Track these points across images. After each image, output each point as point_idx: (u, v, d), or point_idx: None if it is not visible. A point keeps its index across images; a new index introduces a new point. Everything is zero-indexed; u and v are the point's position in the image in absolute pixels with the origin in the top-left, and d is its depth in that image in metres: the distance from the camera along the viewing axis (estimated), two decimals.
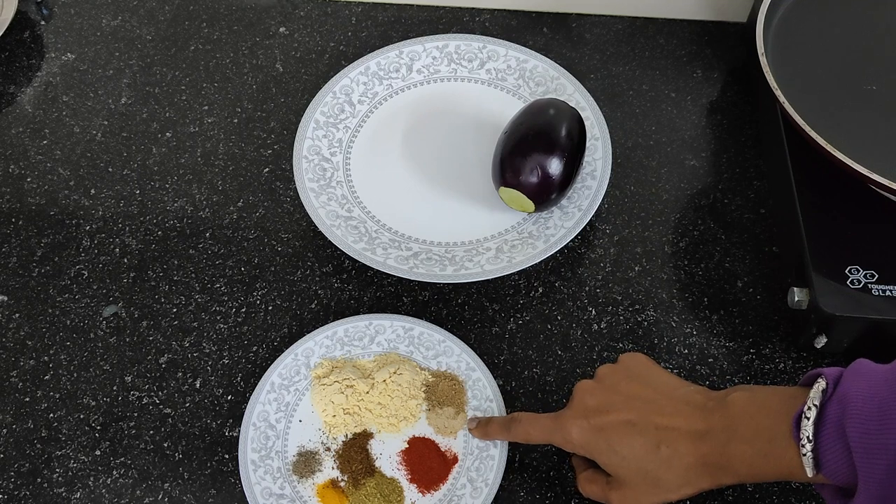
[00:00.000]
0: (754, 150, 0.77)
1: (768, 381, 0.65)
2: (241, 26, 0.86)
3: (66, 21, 0.87)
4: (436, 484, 0.61)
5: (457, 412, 0.63)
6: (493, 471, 0.60)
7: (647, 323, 0.68)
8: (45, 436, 0.64)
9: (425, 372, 0.65)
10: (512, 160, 0.68)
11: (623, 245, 0.72)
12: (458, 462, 0.61)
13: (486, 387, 0.63)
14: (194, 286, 0.70)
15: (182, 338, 0.68)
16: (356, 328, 0.66)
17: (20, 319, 0.69)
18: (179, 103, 0.81)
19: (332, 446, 0.62)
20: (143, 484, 0.62)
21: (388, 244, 0.70)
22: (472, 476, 0.61)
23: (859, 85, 0.68)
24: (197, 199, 0.75)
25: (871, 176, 0.60)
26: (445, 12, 0.86)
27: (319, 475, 0.61)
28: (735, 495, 0.61)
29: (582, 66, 0.82)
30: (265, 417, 0.62)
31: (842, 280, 0.61)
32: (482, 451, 0.61)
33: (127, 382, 0.66)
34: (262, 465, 0.61)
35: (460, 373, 0.64)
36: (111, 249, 0.72)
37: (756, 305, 0.69)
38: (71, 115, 0.80)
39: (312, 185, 0.72)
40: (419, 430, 0.63)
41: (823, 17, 0.72)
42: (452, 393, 0.63)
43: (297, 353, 0.65)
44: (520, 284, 0.70)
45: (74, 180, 0.76)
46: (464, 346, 0.65)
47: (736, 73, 0.82)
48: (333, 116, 0.76)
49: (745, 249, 0.71)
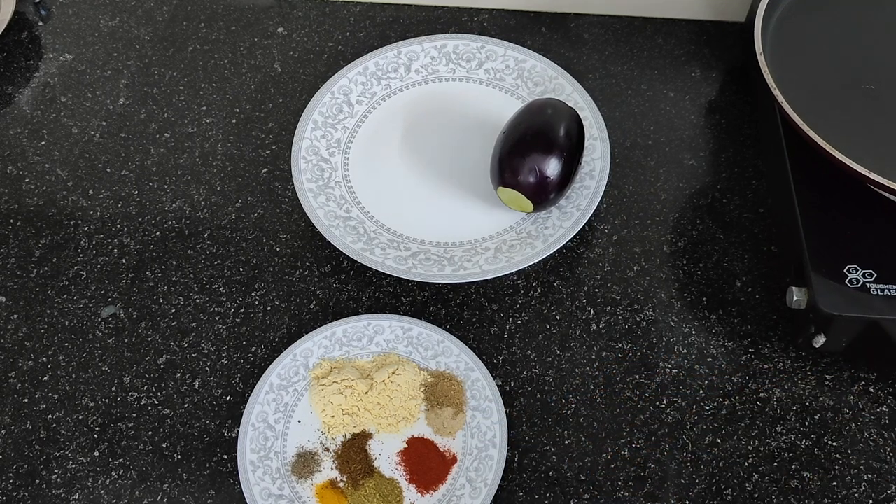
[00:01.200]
0: (753, 150, 0.77)
1: (767, 380, 0.65)
2: (240, 27, 0.86)
3: (65, 22, 0.87)
4: (435, 484, 0.61)
5: (456, 412, 0.63)
6: (493, 471, 0.60)
7: (646, 323, 0.68)
8: (43, 437, 0.64)
9: (424, 372, 0.65)
10: (510, 160, 0.68)
11: (622, 245, 0.72)
12: (457, 462, 0.61)
13: (484, 387, 0.63)
14: (193, 287, 0.70)
15: (181, 338, 0.68)
16: (355, 328, 0.66)
17: (18, 320, 0.69)
18: (178, 104, 0.81)
19: (331, 447, 0.62)
20: (142, 485, 0.62)
21: (387, 244, 0.70)
22: (471, 476, 0.61)
23: (858, 84, 0.67)
24: (195, 199, 0.75)
25: (870, 175, 0.60)
26: (444, 12, 0.86)
27: (318, 476, 0.61)
28: (735, 495, 0.61)
29: (580, 66, 0.82)
30: (264, 418, 0.62)
31: (840, 279, 0.61)
32: (481, 452, 0.61)
33: (125, 383, 0.66)
34: (260, 465, 0.61)
35: (459, 373, 0.64)
36: (109, 250, 0.72)
37: (755, 305, 0.69)
38: (69, 116, 0.80)
39: (311, 186, 0.72)
40: (418, 431, 0.63)
41: (822, 17, 0.72)
42: (451, 393, 0.63)
43: (295, 353, 0.65)
44: (518, 284, 0.70)
45: (73, 181, 0.76)
46: (462, 346, 0.65)
47: (734, 72, 0.82)
48: (332, 117, 0.76)
49: (743, 249, 0.71)
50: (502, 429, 0.62)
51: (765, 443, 0.63)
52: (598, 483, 0.62)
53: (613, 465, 0.62)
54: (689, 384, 0.65)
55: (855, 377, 0.66)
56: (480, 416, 0.63)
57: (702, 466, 0.62)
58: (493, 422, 0.62)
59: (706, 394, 0.65)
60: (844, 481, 0.61)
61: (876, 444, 0.63)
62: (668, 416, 0.64)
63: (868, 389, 0.65)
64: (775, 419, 0.64)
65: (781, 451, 0.63)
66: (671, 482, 0.62)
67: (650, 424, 0.64)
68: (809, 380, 0.65)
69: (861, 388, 0.65)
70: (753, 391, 0.65)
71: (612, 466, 0.62)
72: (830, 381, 0.65)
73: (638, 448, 0.63)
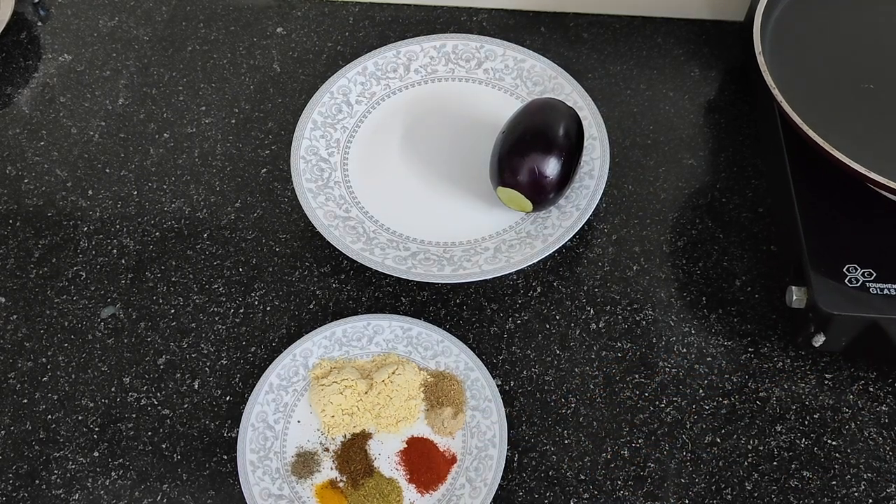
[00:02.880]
0: (752, 149, 0.77)
1: (766, 379, 0.65)
2: (239, 27, 0.86)
3: (64, 22, 0.87)
4: (434, 484, 0.61)
5: (455, 412, 0.63)
6: (492, 470, 0.60)
7: (646, 322, 0.68)
8: (43, 437, 0.64)
9: (424, 372, 0.65)
10: (510, 160, 0.68)
11: (621, 244, 0.72)
12: (457, 462, 0.61)
13: (484, 386, 0.63)
14: (192, 287, 0.70)
15: (180, 339, 0.68)
16: (354, 328, 0.66)
17: (18, 321, 0.69)
18: (177, 104, 0.81)
19: (331, 447, 0.62)
20: (142, 485, 0.62)
21: (387, 244, 0.70)
22: (470, 476, 0.61)
23: (857, 83, 0.67)
24: (195, 199, 0.75)
25: (869, 175, 0.60)
26: (443, 12, 0.86)
27: (318, 476, 0.61)
28: (734, 494, 0.61)
29: (579, 66, 0.82)
30: (263, 418, 0.62)
31: (840, 279, 0.61)
32: (481, 451, 0.61)
33: (125, 384, 0.66)
34: (260, 465, 0.61)
35: (459, 372, 0.64)
36: (109, 251, 0.72)
37: (754, 304, 0.69)
38: (68, 116, 0.80)
39: (310, 186, 0.72)
40: (418, 431, 0.63)
41: (821, 16, 0.72)
42: (451, 393, 0.63)
43: (295, 353, 0.65)
44: (518, 284, 0.70)
45: (72, 181, 0.76)
46: (462, 345, 0.65)
47: (734, 72, 0.82)
48: (331, 117, 0.76)
49: (743, 248, 0.71)
50: (502, 428, 0.62)
51: (764, 442, 0.63)
52: (597, 482, 0.62)
53: (613, 465, 0.62)
54: (688, 384, 0.65)
55: (854, 376, 0.66)
56: (480, 416, 0.63)
57: (701, 466, 0.62)
58: (492, 421, 0.62)
59: (706, 393, 0.65)
60: (844, 480, 0.61)
61: (875, 443, 0.63)
62: (668, 415, 0.64)
63: (867, 388, 0.65)
64: (775, 418, 0.64)
65: (781, 451, 0.63)
66: (671, 482, 0.62)
67: (650, 424, 0.64)
68: (809, 379, 0.65)
69: (861, 387, 0.65)
70: (753, 390, 0.65)
71: (611, 466, 0.62)
72: (830, 381, 0.65)
73: (638, 447, 0.63)
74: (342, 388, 0.63)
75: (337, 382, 0.63)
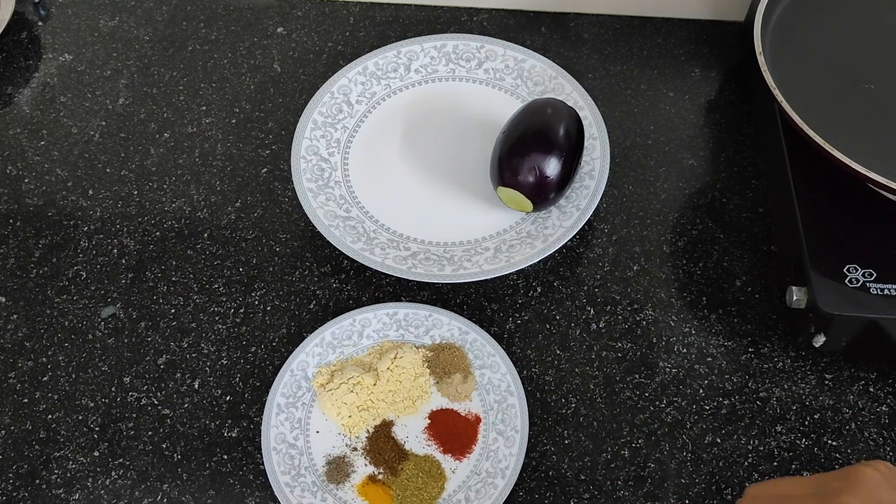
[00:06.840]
0: (752, 149, 0.77)
1: (767, 380, 0.65)
2: (239, 26, 0.86)
3: (64, 22, 0.87)
4: (468, 447, 0.62)
5: (465, 376, 0.64)
6: (519, 417, 0.62)
7: (646, 322, 0.68)
8: (43, 437, 0.64)
9: (422, 349, 0.65)
10: (510, 160, 0.68)
11: (621, 244, 0.72)
12: (482, 420, 0.63)
13: (484, 344, 0.65)
14: (192, 287, 0.70)
15: (180, 338, 0.68)
16: (342, 328, 0.66)
17: (18, 320, 0.69)
18: (177, 104, 0.81)
19: (358, 445, 0.63)
20: (142, 485, 0.62)
21: (387, 244, 0.70)
22: (500, 428, 0.62)
23: (857, 83, 0.68)
24: (195, 199, 0.75)
25: (869, 175, 0.60)
26: (443, 12, 0.86)
27: (355, 476, 0.62)
28: (734, 494, 0.61)
29: (580, 66, 0.82)
30: (283, 439, 0.62)
31: (840, 279, 0.61)
32: (501, 403, 0.63)
33: (125, 383, 0.66)
34: (296, 485, 0.61)
35: (455, 339, 0.65)
36: (109, 250, 0.72)
37: (754, 304, 0.69)
38: (69, 116, 0.80)
39: (310, 186, 0.72)
40: (435, 404, 0.64)
41: (821, 16, 0.72)
42: (455, 360, 0.65)
43: (292, 368, 0.64)
44: (518, 284, 0.70)
45: (72, 181, 0.76)
46: (451, 314, 0.66)
47: (734, 72, 0.82)
48: (331, 116, 0.76)
49: (743, 248, 0.71)
50: (514, 376, 0.63)
51: (765, 442, 0.63)
52: (598, 482, 0.62)
53: (613, 465, 0.62)
54: (688, 384, 0.65)
55: (855, 376, 0.66)
56: (489, 372, 0.64)
57: (702, 466, 0.62)
58: (502, 373, 0.64)
59: (706, 393, 0.65)
60: None
61: (876, 444, 0.63)
62: (668, 415, 0.64)
63: (868, 389, 0.65)
64: (775, 419, 0.64)
65: (781, 451, 0.63)
66: (671, 482, 0.62)
67: (650, 424, 0.64)
68: (809, 379, 0.65)
69: (861, 387, 0.65)
70: (753, 391, 0.65)
71: (611, 466, 0.62)
72: (830, 381, 0.65)
73: (638, 448, 0.63)
74: (351, 386, 0.63)
75: (345, 383, 0.63)
